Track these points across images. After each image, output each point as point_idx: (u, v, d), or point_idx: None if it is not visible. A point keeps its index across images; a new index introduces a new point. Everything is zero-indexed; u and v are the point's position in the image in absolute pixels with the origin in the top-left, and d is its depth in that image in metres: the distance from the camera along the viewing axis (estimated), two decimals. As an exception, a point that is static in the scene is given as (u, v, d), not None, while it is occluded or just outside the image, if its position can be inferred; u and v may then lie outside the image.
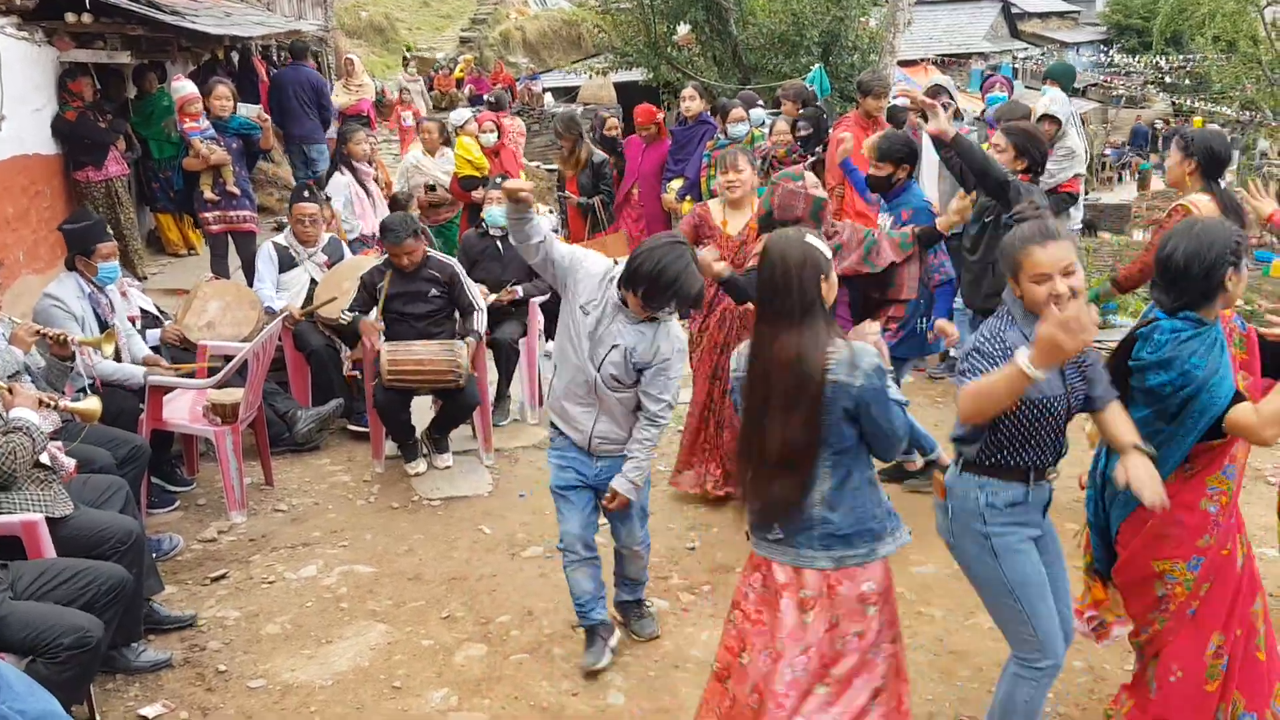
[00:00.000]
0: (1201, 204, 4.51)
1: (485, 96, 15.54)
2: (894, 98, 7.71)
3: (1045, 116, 7.07)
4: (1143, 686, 3.45)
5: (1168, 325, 3.09)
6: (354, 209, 8.32)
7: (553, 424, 4.16)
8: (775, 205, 4.81)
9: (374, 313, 6.04)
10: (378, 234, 7.87)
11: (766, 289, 2.94)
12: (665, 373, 3.91)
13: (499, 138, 10.27)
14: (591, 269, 3.93)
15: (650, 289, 3.68)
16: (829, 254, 2.98)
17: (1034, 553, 3.19)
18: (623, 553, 4.30)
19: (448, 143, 9.92)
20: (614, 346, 3.86)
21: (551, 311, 8.31)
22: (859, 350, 2.86)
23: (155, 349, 5.94)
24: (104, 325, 5.37)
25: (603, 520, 4.22)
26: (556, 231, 7.62)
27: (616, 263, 3.92)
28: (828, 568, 2.96)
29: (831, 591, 2.96)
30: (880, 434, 2.89)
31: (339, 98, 12.89)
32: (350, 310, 6.01)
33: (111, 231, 5.97)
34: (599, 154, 9.15)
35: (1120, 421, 3.11)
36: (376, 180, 8.90)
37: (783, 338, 2.87)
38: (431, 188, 9.23)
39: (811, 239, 2.95)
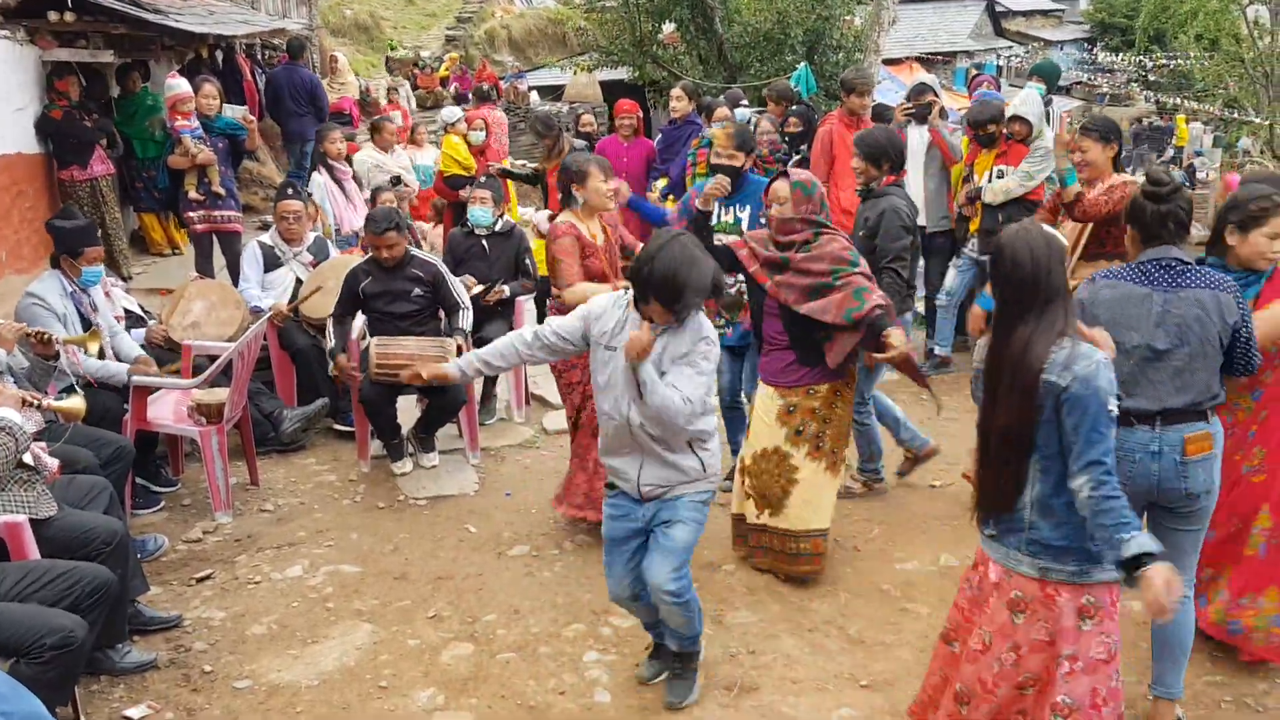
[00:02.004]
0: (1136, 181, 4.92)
1: (469, 93, 15.58)
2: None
3: (1015, 118, 7.10)
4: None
5: None
6: (329, 208, 8.31)
7: (608, 478, 3.95)
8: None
9: (358, 317, 6.04)
10: (360, 232, 7.88)
11: (1013, 284, 2.93)
12: (691, 364, 3.60)
13: (486, 136, 10.28)
14: (599, 304, 3.80)
15: (665, 294, 3.47)
16: (1065, 241, 3.02)
17: None
18: (653, 597, 3.82)
19: (414, 140, 10.01)
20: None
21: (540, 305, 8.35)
22: (1080, 352, 2.85)
23: (141, 348, 5.91)
24: (87, 324, 5.35)
25: None
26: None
27: (626, 289, 3.78)
28: (1033, 575, 2.98)
29: (1050, 601, 2.97)
30: (1073, 444, 2.84)
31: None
32: (335, 316, 5.99)
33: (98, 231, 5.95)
34: (578, 143, 9.24)
35: None
36: (357, 179, 8.88)
37: (1021, 328, 2.90)
38: (397, 181, 9.20)
39: (1046, 227, 3.02)
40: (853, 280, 4.46)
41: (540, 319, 8.66)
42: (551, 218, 5.38)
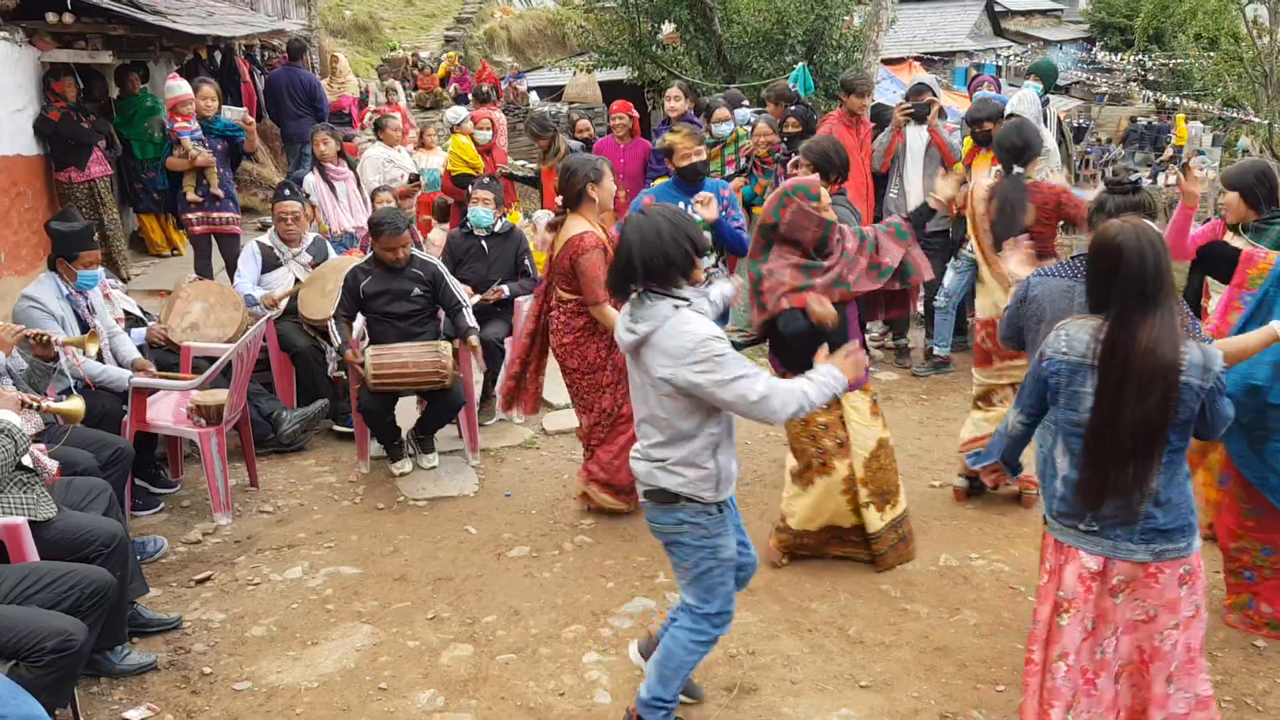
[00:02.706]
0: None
1: (468, 93, 15.60)
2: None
3: (1010, 117, 7.11)
4: None
5: None
6: (323, 208, 8.31)
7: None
8: (784, 221, 4.56)
9: (358, 318, 6.04)
10: (353, 233, 7.86)
11: (1135, 282, 2.96)
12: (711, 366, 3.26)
13: (493, 135, 10.29)
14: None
15: (634, 273, 3.38)
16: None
17: None
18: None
19: (423, 143, 10.01)
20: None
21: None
22: (1210, 353, 3.01)
23: (140, 349, 5.91)
24: (85, 326, 5.34)
25: None
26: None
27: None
28: (1146, 560, 3.07)
29: (1151, 579, 3.08)
30: (1213, 425, 3.07)
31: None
32: (337, 317, 5.98)
33: (96, 235, 5.94)
34: (574, 143, 9.30)
35: None
36: (358, 179, 8.87)
37: (1144, 325, 2.95)
38: (415, 178, 9.21)
39: (1147, 221, 3.11)
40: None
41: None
42: (557, 213, 5.35)
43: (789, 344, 4.59)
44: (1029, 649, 3.27)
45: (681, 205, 5.50)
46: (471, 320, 6.08)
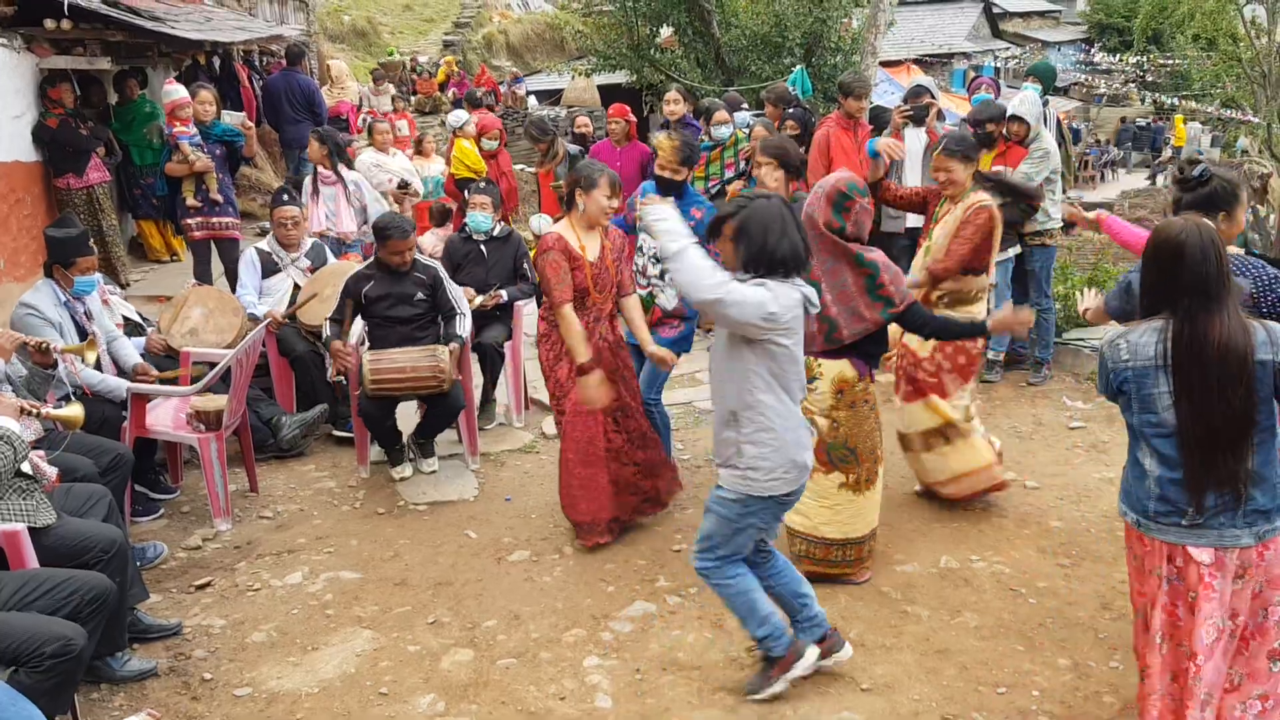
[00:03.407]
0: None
1: (463, 98, 15.65)
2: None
3: (1014, 117, 7.12)
4: None
5: None
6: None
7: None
8: (850, 223, 4.50)
9: (357, 322, 6.03)
10: (343, 236, 7.84)
11: (1200, 278, 3.05)
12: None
13: (500, 144, 10.31)
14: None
15: (762, 259, 3.63)
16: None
17: None
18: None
19: (420, 151, 10.04)
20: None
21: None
22: (1272, 328, 3.08)
23: (141, 356, 5.91)
24: (83, 333, 5.34)
25: None
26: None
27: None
28: (1251, 544, 3.11)
29: (1261, 557, 3.14)
30: None
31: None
32: (333, 318, 5.97)
33: (94, 240, 5.92)
34: (573, 148, 9.37)
35: None
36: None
37: (1213, 322, 3.03)
38: (404, 185, 9.20)
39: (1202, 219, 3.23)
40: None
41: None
42: (557, 220, 5.33)
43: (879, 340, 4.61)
44: (1143, 657, 3.31)
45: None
46: (461, 329, 6.04)
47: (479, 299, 6.57)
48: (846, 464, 4.63)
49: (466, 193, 7.18)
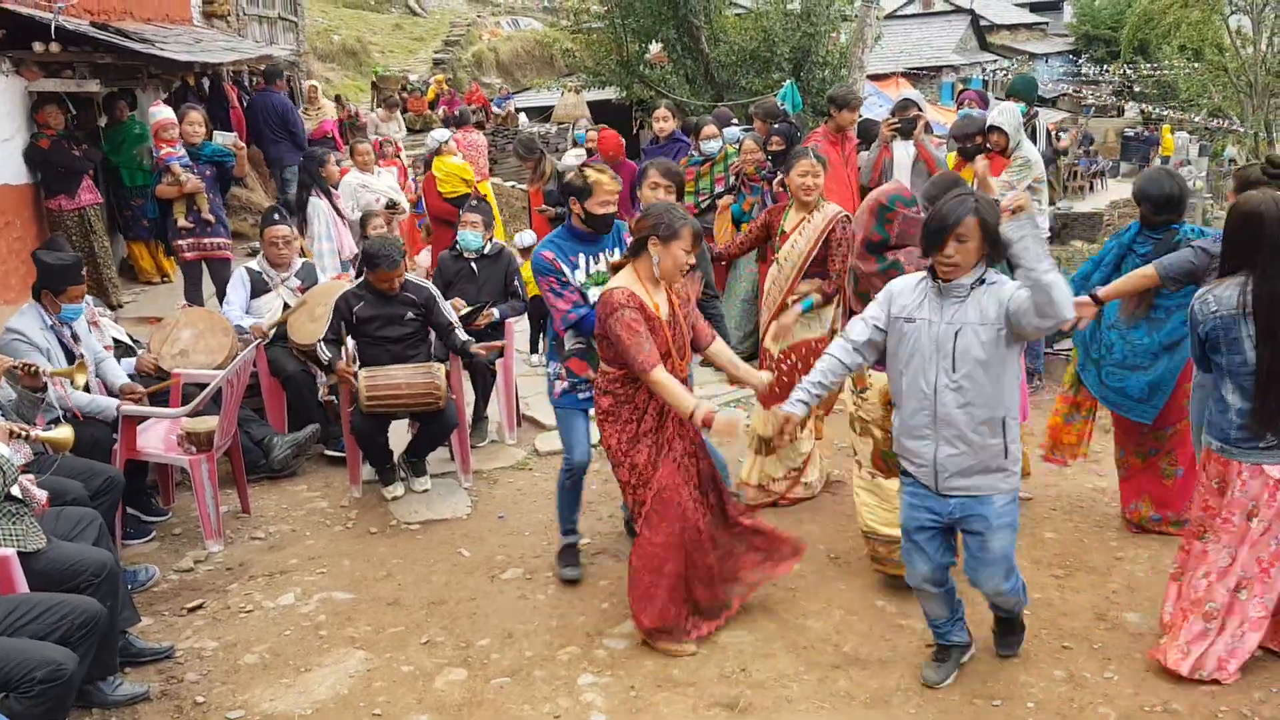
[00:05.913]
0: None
1: (453, 115, 15.75)
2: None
3: (992, 129, 7.14)
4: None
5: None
6: (331, 233, 8.32)
7: (900, 463, 4.00)
8: (894, 234, 4.56)
9: (349, 343, 6.02)
10: (349, 258, 7.86)
11: (1273, 240, 3.67)
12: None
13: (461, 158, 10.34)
14: (898, 284, 3.88)
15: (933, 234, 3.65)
16: None
17: None
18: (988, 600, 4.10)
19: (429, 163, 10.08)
20: (959, 329, 3.66)
21: (536, 320, 8.33)
22: None
23: (131, 378, 5.89)
24: (71, 356, 5.31)
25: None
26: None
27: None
28: None
29: None
30: None
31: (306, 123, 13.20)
32: (325, 340, 5.95)
33: (85, 261, 5.90)
34: (570, 158, 9.36)
35: None
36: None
37: None
38: (391, 205, 9.18)
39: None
40: None
41: (533, 340, 8.67)
42: (617, 263, 4.54)
43: None
44: (1201, 570, 3.99)
45: (582, 259, 4.76)
46: (464, 335, 6.08)
47: (465, 309, 6.55)
48: None
49: (461, 211, 7.18)
